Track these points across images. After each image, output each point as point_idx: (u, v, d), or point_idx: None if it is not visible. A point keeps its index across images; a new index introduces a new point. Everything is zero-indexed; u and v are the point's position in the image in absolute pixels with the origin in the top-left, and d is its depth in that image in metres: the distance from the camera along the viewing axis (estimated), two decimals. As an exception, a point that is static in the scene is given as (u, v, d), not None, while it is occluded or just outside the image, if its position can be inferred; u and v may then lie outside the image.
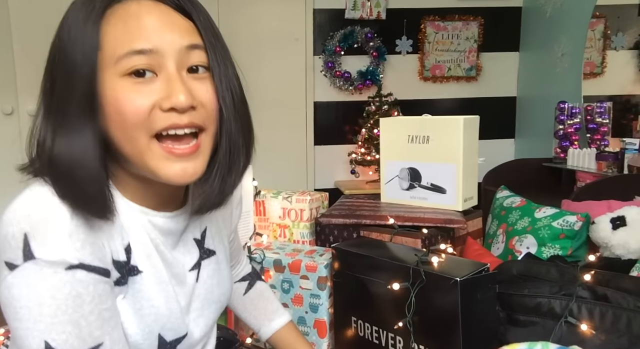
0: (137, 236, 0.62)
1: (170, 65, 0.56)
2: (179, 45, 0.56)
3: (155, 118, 0.55)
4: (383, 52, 3.33)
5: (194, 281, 0.71)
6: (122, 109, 0.54)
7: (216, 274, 0.75)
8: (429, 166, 1.26)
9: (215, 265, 0.74)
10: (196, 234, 0.72)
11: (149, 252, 0.63)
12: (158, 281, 0.64)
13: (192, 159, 0.58)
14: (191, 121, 0.57)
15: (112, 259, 0.59)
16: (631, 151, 2.19)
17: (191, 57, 0.58)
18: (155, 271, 0.63)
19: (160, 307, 0.63)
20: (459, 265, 0.85)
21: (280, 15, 3.28)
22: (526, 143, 3.45)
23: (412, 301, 0.83)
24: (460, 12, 3.39)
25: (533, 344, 0.67)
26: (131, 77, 0.55)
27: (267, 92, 3.31)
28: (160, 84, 0.56)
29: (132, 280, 0.61)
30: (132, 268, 0.61)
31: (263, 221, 1.33)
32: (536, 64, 3.29)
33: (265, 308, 0.96)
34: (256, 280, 0.99)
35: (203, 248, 0.73)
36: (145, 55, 0.54)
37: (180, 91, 0.55)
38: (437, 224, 1.13)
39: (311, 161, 3.44)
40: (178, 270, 0.68)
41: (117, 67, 0.54)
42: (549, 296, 0.84)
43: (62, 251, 0.52)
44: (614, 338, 0.77)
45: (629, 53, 2.72)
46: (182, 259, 0.69)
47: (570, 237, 1.27)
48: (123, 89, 0.55)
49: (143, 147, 0.56)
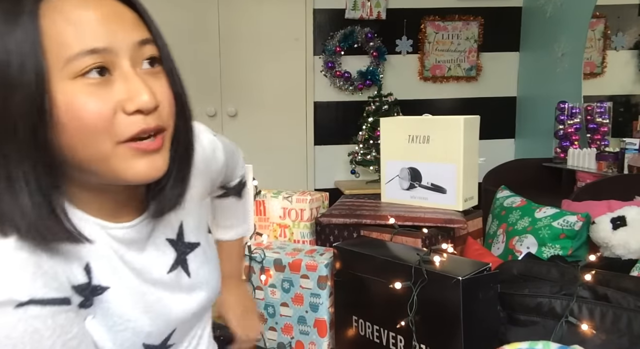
0: (97, 251, 0.58)
1: (125, 63, 0.51)
2: (131, 42, 0.52)
3: (120, 123, 0.51)
4: (383, 52, 3.33)
5: (183, 276, 0.68)
6: (80, 115, 0.49)
7: (205, 264, 0.73)
8: (429, 165, 1.26)
9: (202, 256, 0.72)
10: (168, 234, 0.68)
11: (114, 265, 0.59)
12: (130, 293, 0.60)
13: (157, 153, 0.54)
14: (157, 124, 0.53)
15: (71, 285, 0.54)
16: (631, 151, 2.19)
17: (144, 52, 0.53)
18: (125, 284, 0.60)
19: (137, 320, 0.60)
20: (460, 264, 0.85)
21: (280, 15, 3.28)
22: (526, 143, 3.45)
23: (415, 300, 0.83)
24: (460, 12, 3.39)
25: (534, 344, 0.67)
26: (85, 79, 0.49)
27: (267, 92, 3.31)
28: (118, 84, 0.51)
29: (99, 299, 0.57)
30: (95, 287, 0.57)
31: (263, 221, 1.33)
32: (536, 64, 3.29)
33: (222, 219, 0.97)
34: (231, 194, 0.96)
35: (183, 243, 0.69)
36: (97, 54, 0.49)
37: (143, 90, 0.51)
38: (437, 224, 1.13)
39: (311, 161, 3.44)
40: (153, 275, 0.64)
41: (67, 69, 0.48)
42: (550, 296, 0.84)
43: (8, 289, 0.48)
44: (615, 337, 0.77)
45: (629, 53, 2.72)
46: (155, 262, 0.65)
47: (571, 237, 1.27)
48: (77, 92, 0.49)
49: (107, 152, 0.51)
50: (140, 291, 0.62)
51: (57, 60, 0.48)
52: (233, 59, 3.26)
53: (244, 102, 3.31)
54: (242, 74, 3.27)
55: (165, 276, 0.66)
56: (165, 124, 0.55)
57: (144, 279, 0.63)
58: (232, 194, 0.96)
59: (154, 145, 0.53)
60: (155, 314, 0.63)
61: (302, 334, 1.08)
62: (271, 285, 1.11)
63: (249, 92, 3.30)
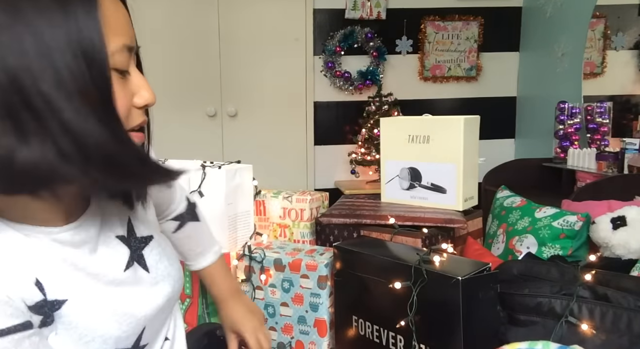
0: (45, 263, 0.55)
1: (132, 63, 0.55)
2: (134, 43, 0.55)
3: (132, 115, 0.55)
4: (383, 52, 3.33)
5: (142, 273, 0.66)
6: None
7: (164, 257, 0.71)
8: (430, 165, 1.26)
9: (158, 249, 0.70)
10: (118, 231, 0.65)
11: (67, 275, 0.56)
12: (90, 300, 0.57)
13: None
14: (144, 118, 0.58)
15: (27, 306, 0.51)
16: (631, 151, 2.19)
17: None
18: (83, 292, 0.57)
19: (105, 326, 0.58)
20: (460, 264, 0.85)
21: (280, 15, 3.28)
22: (526, 143, 3.45)
23: (414, 300, 0.83)
24: (460, 12, 3.39)
25: (534, 344, 0.67)
26: (116, 72, 0.52)
27: (267, 92, 3.31)
28: (129, 81, 0.55)
29: (58, 314, 0.54)
30: (52, 302, 0.54)
31: (263, 221, 1.33)
32: (536, 64, 3.29)
33: (192, 249, 0.96)
34: (187, 221, 0.95)
35: (136, 239, 0.68)
36: (129, 52, 0.53)
37: (149, 88, 0.55)
38: (437, 223, 1.13)
39: (311, 161, 3.44)
40: (110, 276, 0.62)
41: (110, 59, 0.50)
42: (550, 295, 0.84)
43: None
44: (615, 337, 0.77)
45: (629, 53, 2.72)
46: (109, 262, 0.62)
47: (571, 237, 1.27)
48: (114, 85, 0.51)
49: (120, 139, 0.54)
50: (100, 295, 0.59)
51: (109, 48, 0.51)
52: (233, 59, 3.26)
53: (244, 102, 3.31)
54: (242, 74, 3.27)
55: (123, 275, 0.63)
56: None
57: (101, 282, 0.60)
58: (188, 220, 0.95)
59: (142, 137, 0.58)
60: (120, 317, 0.60)
61: (302, 334, 1.08)
62: (271, 285, 1.11)
63: (249, 92, 3.30)
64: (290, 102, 3.36)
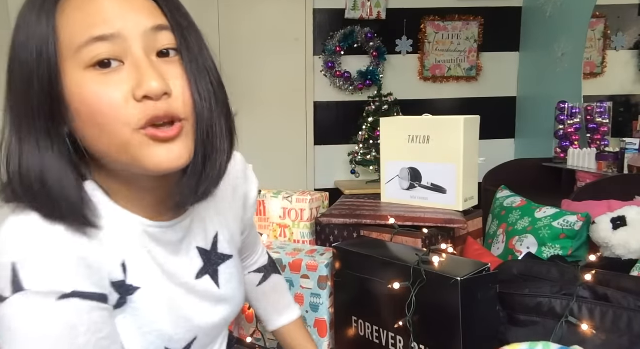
0: (133, 249, 0.58)
1: (137, 50, 0.51)
2: (143, 27, 0.51)
3: (131, 110, 0.50)
4: (383, 52, 3.33)
5: (212, 286, 0.68)
6: (92, 105, 0.49)
7: (235, 278, 0.73)
8: (430, 165, 1.26)
9: (233, 269, 0.72)
10: (200, 243, 0.68)
11: (147, 266, 0.60)
12: (159, 296, 0.60)
13: (176, 142, 0.53)
14: (169, 111, 0.52)
15: (110, 281, 0.55)
16: (631, 151, 2.19)
17: (159, 39, 0.52)
18: (155, 285, 0.60)
19: (163, 323, 0.60)
20: (459, 265, 0.85)
21: (280, 15, 3.28)
22: (526, 143, 3.45)
23: (413, 301, 0.83)
24: (460, 12, 3.39)
25: (534, 344, 0.67)
26: (96, 69, 0.50)
27: (267, 92, 3.31)
28: (128, 72, 0.51)
29: (130, 299, 0.57)
30: (129, 287, 0.57)
31: (263, 221, 1.33)
32: (536, 64, 3.29)
33: (277, 302, 0.95)
34: (272, 273, 0.96)
35: (217, 254, 0.70)
36: (107, 41, 0.49)
37: (152, 77, 0.50)
38: (437, 224, 1.13)
39: (311, 161, 3.44)
40: (184, 280, 0.65)
41: (78, 59, 0.49)
42: (550, 295, 0.84)
43: (54, 279, 0.48)
44: (615, 337, 0.77)
45: (629, 53, 2.72)
46: (186, 268, 0.65)
47: (571, 237, 1.27)
48: (89, 83, 0.49)
49: (125, 140, 0.51)
50: (168, 293, 0.62)
51: (69, 50, 0.50)
52: (233, 59, 3.25)
53: (244, 102, 3.30)
54: (242, 74, 3.27)
55: (194, 282, 0.66)
56: (180, 113, 0.53)
57: (173, 282, 0.63)
58: (272, 272, 0.97)
59: (169, 133, 0.52)
60: (178, 318, 0.63)
61: (302, 335, 1.08)
62: (271, 285, 1.11)
63: (249, 92, 3.30)
64: (290, 102, 3.36)
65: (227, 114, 0.59)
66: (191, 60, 0.55)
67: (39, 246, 0.49)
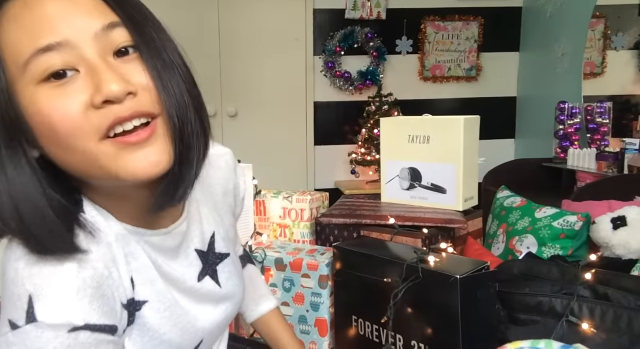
0: (137, 262, 0.58)
1: (90, 54, 0.47)
2: (93, 29, 0.47)
3: (92, 119, 0.46)
4: (383, 52, 3.33)
5: (214, 286, 0.68)
6: (49, 121, 0.46)
7: (234, 275, 0.73)
8: (429, 165, 1.26)
9: (231, 266, 0.73)
10: (197, 244, 0.67)
11: (152, 276, 0.59)
12: (164, 305, 0.60)
13: (151, 144, 0.49)
14: (136, 109, 0.48)
15: (122, 303, 0.54)
16: (631, 151, 2.19)
17: (112, 38, 0.48)
18: (160, 295, 0.60)
19: (171, 332, 0.60)
20: (459, 263, 0.85)
21: (280, 15, 3.28)
22: (526, 143, 3.45)
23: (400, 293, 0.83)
24: (460, 12, 3.39)
25: (536, 342, 0.67)
26: (50, 82, 0.46)
27: (267, 92, 3.31)
28: (84, 79, 0.47)
29: (138, 314, 0.57)
30: (136, 303, 0.57)
31: (263, 221, 1.33)
32: (536, 64, 3.29)
33: (254, 291, 0.93)
34: (246, 263, 0.96)
35: (214, 254, 0.69)
36: (55, 51, 0.45)
37: (111, 79, 0.46)
38: (437, 224, 1.13)
39: (311, 161, 3.44)
40: (188, 284, 0.64)
41: (28, 75, 0.46)
42: (550, 295, 0.84)
43: (67, 312, 0.48)
44: (615, 336, 0.77)
45: (629, 53, 2.72)
46: (187, 272, 0.65)
47: (571, 237, 1.27)
48: (43, 98, 0.46)
49: (93, 152, 0.47)
50: (173, 301, 0.61)
51: (17, 67, 0.46)
52: (233, 59, 3.25)
53: (244, 102, 3.31)
54: (242, 74, 3.27)
55: (197, 285, 0.66)
56: (148, 108, 0.49)
57: (177, 289, 0.63)
58: (247, 261, 0.96)
59: (141, 135, 0.49)
60: (185, 325, 0.62)
61: (302, 334, 1.08)
62: (272, 284, 1.11)
63: (249, 92, 3.30)
64: (290, 102, 3.36)
65: (200, 111, 0.55)
66: (152, 56, 0.50)
67: (53, 277, 0.48)
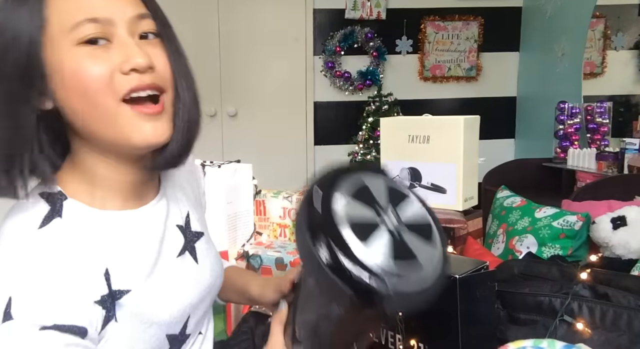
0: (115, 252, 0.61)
1: (122, 32, 0.57)
2: (129, 15, 0.58)
3: (118, 82, 0.56)
4: (383, 52, 3.33)
5: (191, 262, 0.72)
6: (82, 76, 0.55)
7: (211, 252, 0.77)
8: (429, 165, 1.26)
9: (207, 244, 0.76)
10: (178, 221, 0.72)
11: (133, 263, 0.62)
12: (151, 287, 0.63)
13: (160, 118, 0.60)
14: (153, 82, 0.58)
15: (94, 301, 0.57)
16: (631, 151, 2.19)
17: (141, 25, 0.60)
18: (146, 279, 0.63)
19: (158, 312, 0.63)
20: (458, 263, 0.85)
21: (280, 15, 3.28)
22: (526, 143, 3.45)
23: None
24: (460, 12, 3.39)
25: (539, 342, 0.67)
26: (86, 46, 0.56)
27: (267, 92, 3.31)
28: (115, 50, 0.57)
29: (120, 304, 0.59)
30: (115, 292, 0.59)
31: (263, 221, 1.34)
32: (536, 64, 3.29)
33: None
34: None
35: (191, 232, 0.73)
36: (98, 23, 0.56)
37: (138, 53, 0.57)
38: (437, 223, 1.13)
39: (311, 161, 3.44)
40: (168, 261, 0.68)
41: (71, 36, 0.55)
42: (550, 294, 0.84)
43: (39, 312, 0.52)
44: (615, 336, 0.77)
45: (629, 53, 2.72)
46: (168, 247, 0.68)
47: (571, 237, 1.27)
48: (80, 57, 0.55)
49: (112, 111, 0.57)
50: (157, 281, 0.64)
51: (63, 28, 0.55)
52: (233, 59, 3.25)
53: (244, 102, 3.31)
54: (242, 74, 3.27)
55: (175, 261, 0.69)
56: (162, 84, 0.59)
57: (159, 268, 0.66)
58: None
59: (155, 109, 0.59)
60: (170, 302, 0.65)
61: (302, 334, 1.08)
62: (271, 285, 1.11)
63: (249, 92, 3.30)
64: (290, 102, 3.36)
65: (196, 93, 0.66)
66: (169, 43, 0.62)
67: (29, 277, 0.54)
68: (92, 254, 0.58)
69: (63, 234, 0.58)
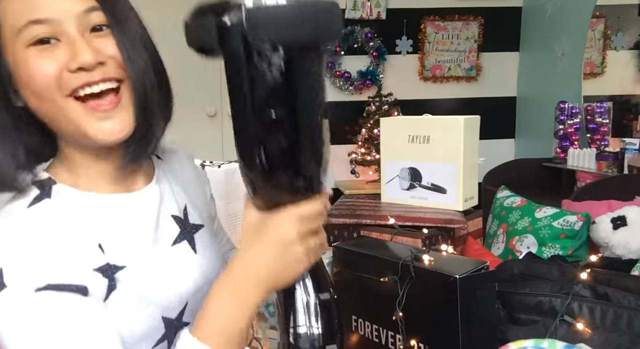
0: (108, 229, 0.63)
1: (71, 30, 0.58)
2: (76, 10, 0.59)
3: (66, 80, 0.58)
4: (383, 52, 3.32)
5: (189, 251, 0.73)
6: (31, 75, 0.57)
7: (213, 245, 0.77)
8: (430, 165, 1.26)
9: (207, 237, 0.77)
10: (174, 211, 0.73)
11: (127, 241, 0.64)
12: (146, 268, 0.65)
13: (116, 114, 0.60)
14: (105, 76, 0.59)
15: (92, 268, 0.59)
16: (631, 151, 2.18)
17: (91, 18, 0.60)
18: (140, 258, 0.65)
19: (155, 294, 0.64)
20: (458, 263, 0.85)
21: (280, 15, 3.27)
22: (526, 143, 3.45)
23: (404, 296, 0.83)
24: (460, 12, 3.39)
25: (540, 342, 0.67)
26: (36, 46, 0.58)
27: (267, 92, 3.31)
28: (63, 48, 0.58)
29: (117, 278, 0.62)
30: (113, 266, 0.62)
31: (263, 221, 1.33)
32: (536, 64, 3.29)
33: None
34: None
35: (189, 223, 0.75)
36: (44, 24, 0.57)
37: (85, 51, 0.58)
38: (437, 224, 1.13)
39: (311, 161, 3.43)
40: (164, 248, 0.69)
41: (20, 39, 0.57)
42: (550, 294, 0.84)
43: (30, 275, 0.54)
44: (615, 336, 0.77)
45: (629, 53, 2.72)
46: (163, 236, 0.70)
47: (571, 237, 1.27)
48: (30, 58, 0.57)
49: (62, 108, 0.58)
50: (152, 262, 0.66)
51: (13, 32, 0.58)
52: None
53: (244, 102, 3.30)
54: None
55: (171, 248, 0.70)
56: (118, 75, 0.61)
57: (155, 252, 0.67)
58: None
59: (107, 106, 0.60)
60: (167, 286, 0.66)
61: (302, 334, 1.08)
62: (271, 285, 1.11)
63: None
64: (290, 102, 3.35)
65: (161, 76, 0.66)
66: (121, 32, 0.62)
67: (20, 246, 0.55)
68: (83, 230, 0.61)
69: (52, 212, 0.60)
